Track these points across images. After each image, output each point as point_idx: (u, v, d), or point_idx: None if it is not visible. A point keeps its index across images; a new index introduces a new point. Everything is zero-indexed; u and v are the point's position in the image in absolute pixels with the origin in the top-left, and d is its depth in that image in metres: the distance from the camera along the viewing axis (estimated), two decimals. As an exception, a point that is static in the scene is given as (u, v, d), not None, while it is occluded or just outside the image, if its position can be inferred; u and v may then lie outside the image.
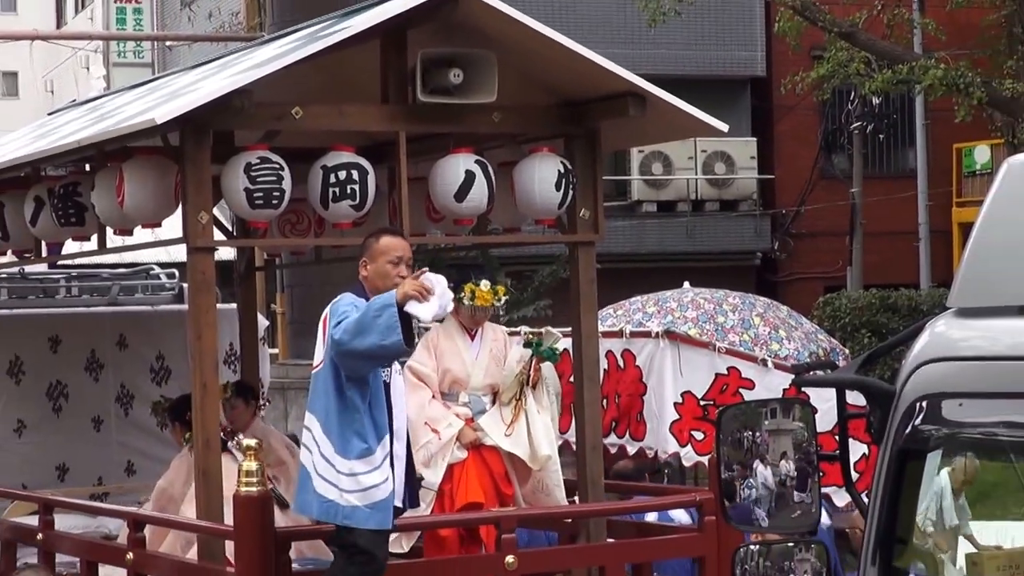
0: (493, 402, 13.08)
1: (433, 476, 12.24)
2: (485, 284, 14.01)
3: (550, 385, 12.86)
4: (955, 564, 6.46)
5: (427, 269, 11.44)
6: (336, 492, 10.26)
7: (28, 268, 17.29)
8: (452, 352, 12.65)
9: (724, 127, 13.37)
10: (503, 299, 13.86)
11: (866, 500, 6.44)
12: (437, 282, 11.06)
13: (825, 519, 11.17)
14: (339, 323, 10.57)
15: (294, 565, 10.99)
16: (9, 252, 14.66)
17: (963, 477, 6.46)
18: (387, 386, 10.84)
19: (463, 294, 13.12)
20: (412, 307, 10.93)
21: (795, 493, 9.18)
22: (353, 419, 10.54)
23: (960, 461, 6.43)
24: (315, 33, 12.14)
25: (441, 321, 11.63)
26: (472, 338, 12.60)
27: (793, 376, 12.32)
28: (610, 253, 15.10)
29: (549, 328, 12.54)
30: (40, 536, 13.66)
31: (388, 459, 10.62)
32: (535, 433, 12.04)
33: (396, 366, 11.09)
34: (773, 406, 8.24)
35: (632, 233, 34.33)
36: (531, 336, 12.43)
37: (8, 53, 64.47)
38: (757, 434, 9.65)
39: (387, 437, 10.59)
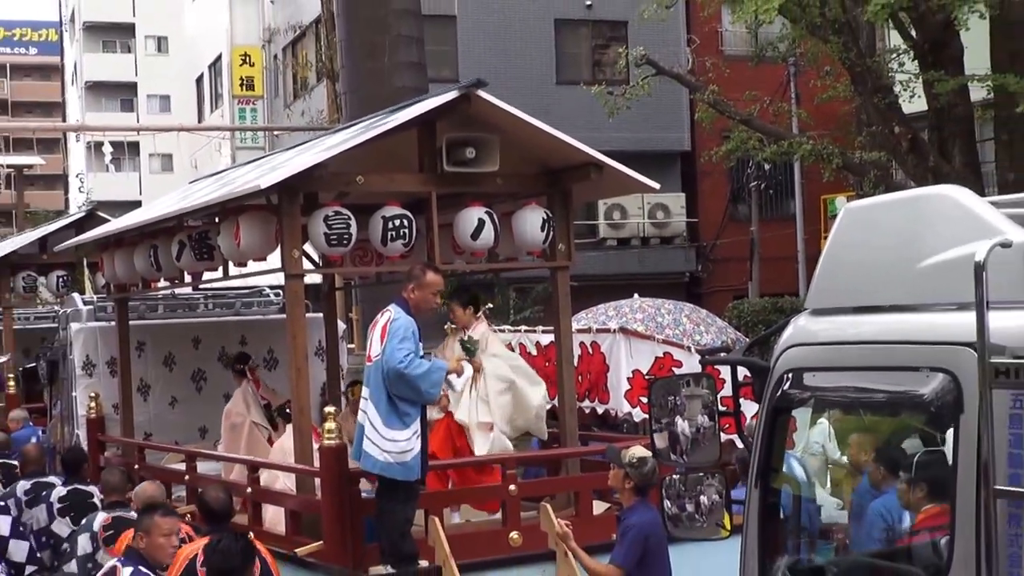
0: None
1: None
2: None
3: (492, 378, 12.78)
4: (825, 482, 7.20)
5: (466, 358, 12.19)
6: (378, 451, 10.37)
7: (176, 291, 17.17)
8: (452, 351, 12.60)
9: (657, 186, 13.70)
10: (487, 309, 13.87)
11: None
12: (466, 368, 11.72)
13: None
14: (407, 354, 10.56)
15: (363, 494, 10.79)
16: (162, 280, 14.69)
17: (831, 426, 6.93)
18: (411, 374, 10.36)
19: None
20: (452, 378, 11.51)
21: (704, 439, 9.19)
22: (394, 403, 10.09)
23: (819, 414, 6.82)
24: (372, 124, 12.38)
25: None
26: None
27: (704, 357, 12.36)
28: (582, 275, 15.06)
29: (472, 335, 12.49)
30: (187, 476, 13.57)
31: (417, 435, 10.26)
32: (475, 411, 11.92)
33: None
34: (689, 378, 8.35)
35: (598, 261, 34.09)
36: (467, 342, 12.39)
37: (165, 140, 63.95)
38: (678, 398, 9.83)
39: (417, 421, 10.31)
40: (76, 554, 12.13)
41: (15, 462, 14.73)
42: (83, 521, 12.61)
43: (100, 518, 12.18)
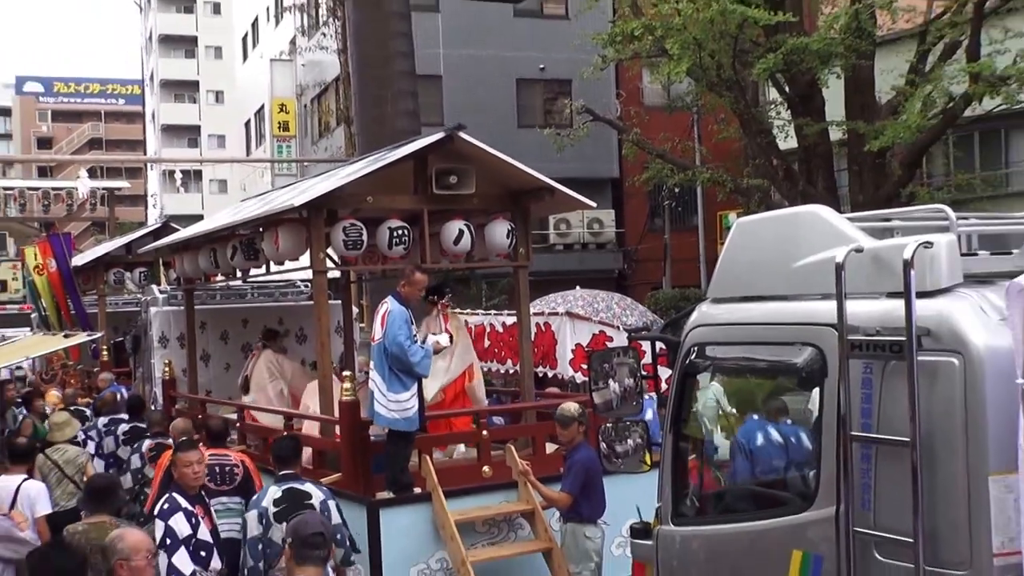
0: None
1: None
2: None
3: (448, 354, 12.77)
4: (722, 429, 6.99)
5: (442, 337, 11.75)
6: (386, 411, 10.24)
7: (230, 283, 17.04)
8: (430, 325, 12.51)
9: (593, 204, 13.42)
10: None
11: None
12: (442, 339, 11.42)
13: (650, 413, 11.06)
14: (406, 334, 10.47)
15: (372, 438, 10.71)
16: (219, 274, 14.55)
17: (726, 387, 6.93)
18: (403, 351, 10.34)
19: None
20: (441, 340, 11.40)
21: (629, 397, 9.13)
22: (396, 373, 10.06)
23: (717, 378, 6.85)
24: (378, 157, 12.28)
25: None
26: (445, 329, 12.38)
27: (630, 334, 12.27)
28: (537, 271, 14.92)
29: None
30: (238, 424, 13.45)
31: (415, 396, 10.20)
32: (432, 379, 11.82)
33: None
34: (619, 350, 8.31)
35: (549, 261, 33.89)
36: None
37: (221, 169, 63.71)
38: (611, 366, 9.70)
39: (414, 385, 10.25)
40: (130, 468, 12.93)
41: (143, 424, 14.81)
42: (135, 445, 13.38)
43: (147, 443, 12.82)
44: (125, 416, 15.67)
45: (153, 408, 16.00)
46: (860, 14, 22.85)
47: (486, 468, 11.03)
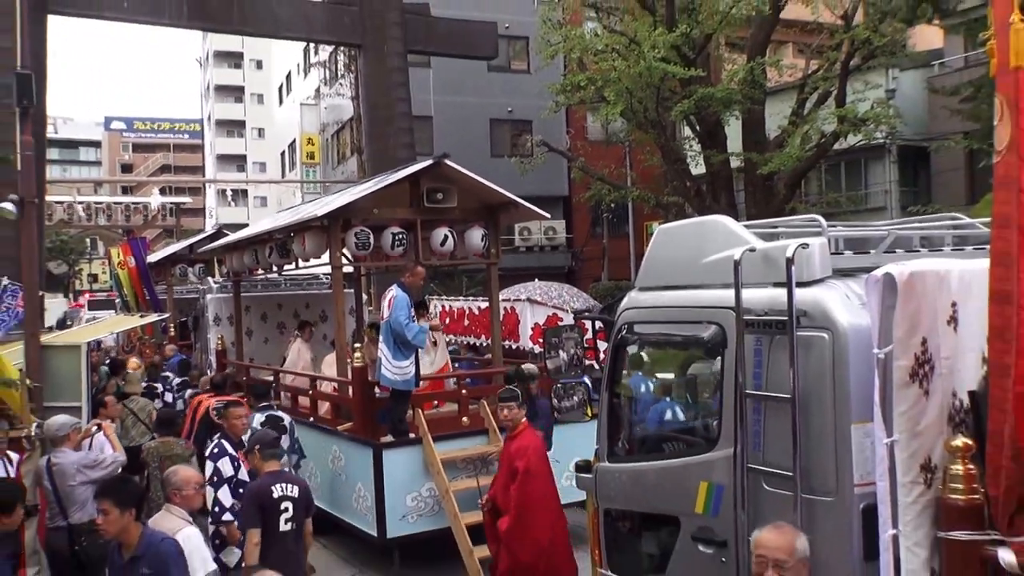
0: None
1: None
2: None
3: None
4: (646, 388, 6.79)
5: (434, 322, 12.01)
6: (391, 374, 10.17)
7: (268, 276, 16.91)
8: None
9: (548, 216, 13.35)
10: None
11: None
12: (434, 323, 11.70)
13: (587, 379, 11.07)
14: (406, 315, 10.28)
15: (377, 395, 10.59)
16: (260, 270, 14.37)
17: (649, 356, 6.76)
18: (404, 328, 10.21)
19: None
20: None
21: (575, 363, 9.08)
22: (397, 346, 9.94)
23: (643, 350, 6.70)
24: (382, 179, 12.12)
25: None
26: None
27: (575, 315, 12.22)
28: (504, 267, 14.83)
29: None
30: (274, 384, 13.30)
31: (412, 363, 10.11)
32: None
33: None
34: (567, 328, 8.27)
35: (514, 259, 33.72)
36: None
37: (262, 188, 63.29)
38: (560, 339, 9.67)
39: (413, 355, 10.17)
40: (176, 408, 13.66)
41: (189, 380, 14.97)
42: (182, 394, 14.47)
43: (188, 392, 13.56)
44: (178, 378, 15.99)
45: (207, 372, 16.01)
46: (754, 70, 23.04)
47: (465, 419, 10.94)
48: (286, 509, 7.30)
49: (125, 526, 5.49)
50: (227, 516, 7.83)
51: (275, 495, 7.29)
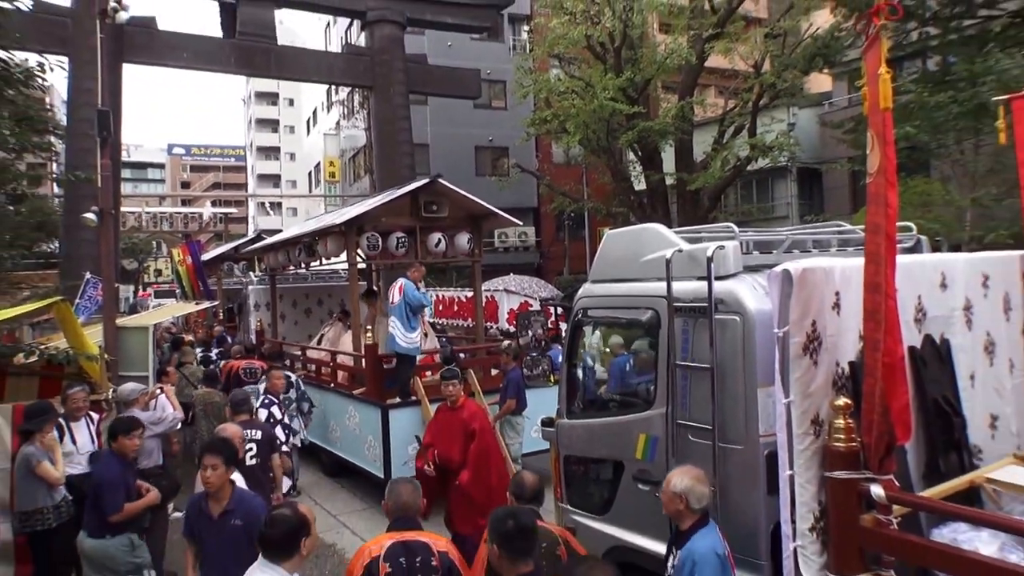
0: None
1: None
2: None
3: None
4: (599, 362, 6.74)
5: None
6: (403, 342, 10.19)
7: (297, 271, 16.72)
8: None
9: (521, 223, 13.45)
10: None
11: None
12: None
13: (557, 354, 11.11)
14: (414, 292, 10.36)
15: (385, 365, 10.53)
16: (291, 266, 14.22)
17: (600, 334, 6.82)
18: (416, 305, 10.11)
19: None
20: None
21: (541, 341, 9.02)
22: (408, 320, 9.87)
23: (595, 330, 6.66)
24: (388, 194, 12.14)
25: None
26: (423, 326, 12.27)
27: (542, 302, 12.15)
28: (486, 264, 14.78)
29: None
30: (301, 357, 13.20)
31: (419, 335, 10.13)
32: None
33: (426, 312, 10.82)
34: (535, 312, 8.22)
35: (494, 257, 33.65)
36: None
37: (294, 201, 62.83)
38: (529, 321, 9.52)
39: (419, 328, 10.16)
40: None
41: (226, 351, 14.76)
42: (220, 362, 13.70)
43: (223, 363, 13.01)
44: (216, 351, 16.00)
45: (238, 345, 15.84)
46: (684, 108, 22.98)
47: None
48: (250, 448, 7.24)
49: (225, 481, 5.24)
50: (285, 448, 7.87)
51: (244, 438, 7.16)
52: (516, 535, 3.76)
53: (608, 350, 6.73)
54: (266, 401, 8.85)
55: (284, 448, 8.01)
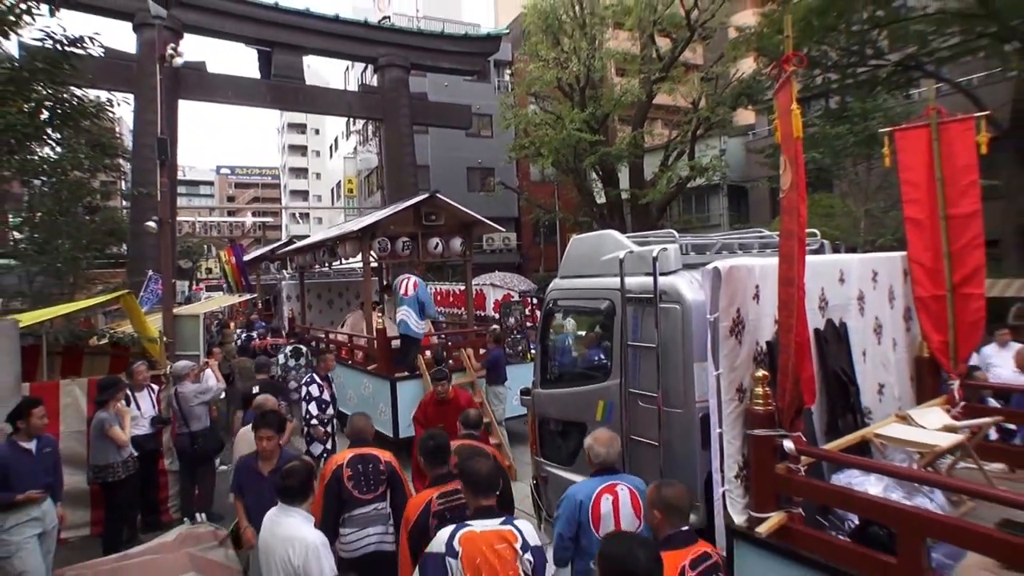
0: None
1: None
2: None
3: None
4: (564, 341, 6.64)
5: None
6: (415, 327, 10.21)
7: (321, 269, 16.55)
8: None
9: (504, 230, 13.35)
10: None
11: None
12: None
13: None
14: (427, 295, 10.34)
15: (393, 344, 10.49)
16: (316, 265, 14.04)
17: (569, 320, 6.65)
18: (428, 305, 10.11)
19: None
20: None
21: (520, 327, 8.96)
22: (420, 311, 9.87)
23: (563, 317, 6.56)
24: (395, 207, 11.92)
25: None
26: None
27: (520, 295, 12.06)
28: (476, 263, 14.71)
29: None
30: (326, 338, 13.09)
31: (427, 322, 10.39)
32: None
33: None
34: (515, 302, 8.17)
35: (483, 258, 33.51)
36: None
37: (318, 212, 62.41)
38: (510, 310, 9.44)
39: (427, 319, 10.12)
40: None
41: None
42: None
43: (255, 341, 13.27)
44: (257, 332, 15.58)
45: (282, 331, 15.65)
46: (636, 137, 22.96)
47: (450, 361, 10.86)
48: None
49: (276, 445, 5.25)
50: (314, 421, 7.75)
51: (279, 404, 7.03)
52: (434, 450, 4.53)
53: (573, 332, 6.73)
54: (307, 380, 8.34)
55: (313, 421, 7.85)
